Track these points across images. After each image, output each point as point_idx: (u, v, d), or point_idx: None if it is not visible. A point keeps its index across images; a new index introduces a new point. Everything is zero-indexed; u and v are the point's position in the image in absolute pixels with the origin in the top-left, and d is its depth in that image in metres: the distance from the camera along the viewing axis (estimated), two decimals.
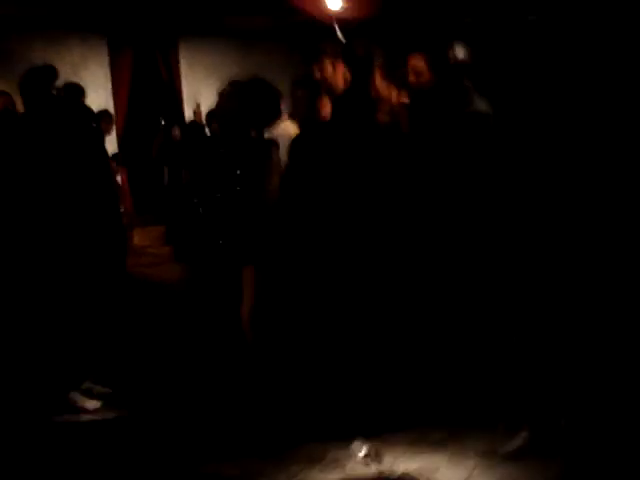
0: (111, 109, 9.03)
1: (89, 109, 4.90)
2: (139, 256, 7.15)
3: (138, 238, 7.76)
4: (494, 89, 3.82)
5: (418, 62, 3.87)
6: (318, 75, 5.09)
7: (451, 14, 5.02)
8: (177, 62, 9.43)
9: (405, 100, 4.37)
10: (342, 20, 5.73)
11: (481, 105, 3.60)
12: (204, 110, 8.09)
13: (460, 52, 3.82)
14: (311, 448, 3.14)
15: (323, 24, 6.08)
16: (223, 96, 4.52)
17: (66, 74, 8.74)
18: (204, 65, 9.56)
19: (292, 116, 5.41)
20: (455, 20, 4.74)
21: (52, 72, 4.35)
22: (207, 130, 7.33)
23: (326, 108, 5.17)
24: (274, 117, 4.79)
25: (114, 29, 8.81)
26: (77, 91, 5.00)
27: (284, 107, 5.40)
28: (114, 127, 8.76)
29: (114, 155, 7.54)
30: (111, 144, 8.20)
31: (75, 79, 8.74)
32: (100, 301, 4.36)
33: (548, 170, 3.33)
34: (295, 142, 4.47)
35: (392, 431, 3.22)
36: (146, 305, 5.50)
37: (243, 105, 4.38)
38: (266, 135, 5.70)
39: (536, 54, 3.83)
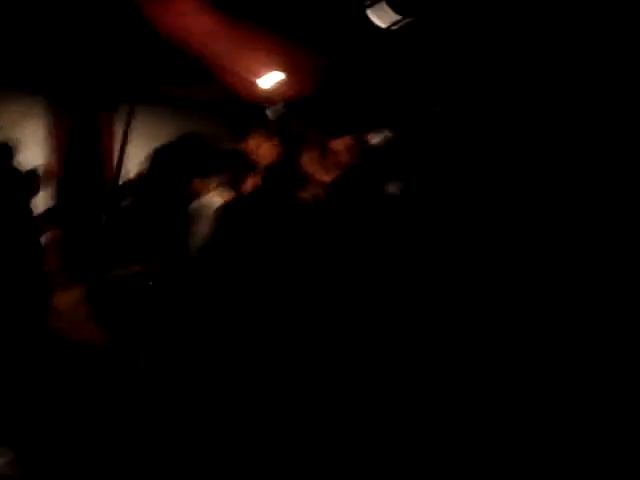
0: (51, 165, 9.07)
1: (16, 171, 4.96)
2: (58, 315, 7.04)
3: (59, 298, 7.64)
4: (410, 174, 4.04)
5: (337, 145, 4.10)
6: (244, 150, 5.27)
7: (378, 99, 5.25)
8: (114, 126, 9.52)
9: (328, 179, 4.55)
10: (275, 98, 5.96)
11: (392, 188, 3.81)
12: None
13: (374, 138, 4.01)
14: None
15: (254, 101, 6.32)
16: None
17: (4, 130, 8.79)
18: (142, 132, 9.66)
19: (221, 186, 5.56)
20: (380, 105, 4.98)
21: None
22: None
23: (248, 183, 5.32)
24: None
25: (53, 90, 8.87)
26: (5, 151, 5.06)
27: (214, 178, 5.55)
28: (48, 184, 8.78)
29: (45, 213, 7.50)
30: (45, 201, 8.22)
31: (13, 135, 8.81)
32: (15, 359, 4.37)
33: None
34: (218, 212, 4.61)
35: None
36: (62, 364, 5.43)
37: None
38: (192, 205, 5.82)
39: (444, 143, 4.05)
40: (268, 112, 5.85)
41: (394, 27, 4.82)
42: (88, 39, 6.90)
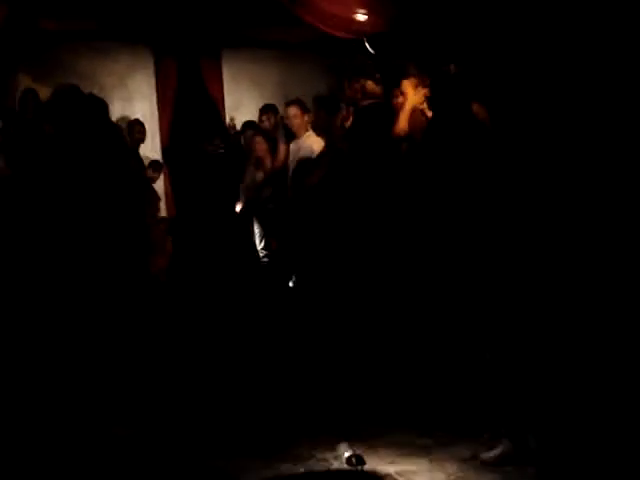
0: (156, 117, 9.32)
1: (111, 123, 5.08)
2: None
3: None
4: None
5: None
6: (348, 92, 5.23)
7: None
8: (220, 72, 9.61)
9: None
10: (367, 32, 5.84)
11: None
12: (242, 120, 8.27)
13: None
14: (299, 449, 3.25)
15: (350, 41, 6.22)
16: None
17: (112, 84, 9.09)
18: (246, 76, 9.72)
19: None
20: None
21: (76, 92, 4.58)
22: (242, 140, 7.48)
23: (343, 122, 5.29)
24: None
25: (159, 39, 9.03)
26: (100, 105, 5.21)
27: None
28: (154, 134, 9.03)
29: (153, 162, 7.74)
30: (155, 152, 8.47)
31: (122, 89, 9.09)
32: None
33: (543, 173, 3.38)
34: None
35: (378, 436, 3.31)
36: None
37: None
38: (291, 146, 5.84)
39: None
40: (368, 45, 5.74)
41: None
42: None
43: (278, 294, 5.71)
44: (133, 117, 8.80)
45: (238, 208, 6.38)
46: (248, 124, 7.32)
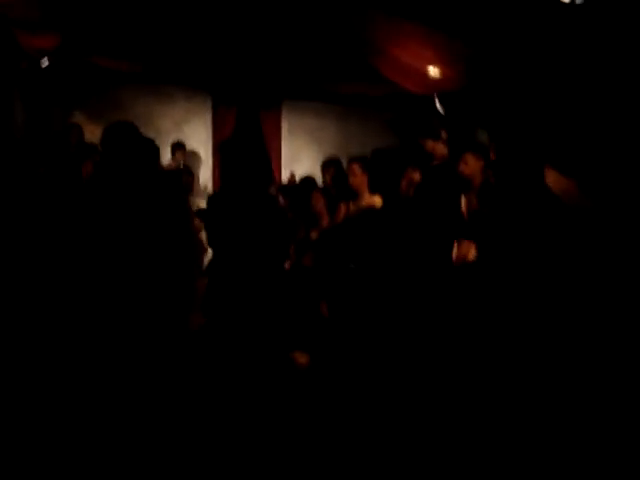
0: (210, 165, 9.09)
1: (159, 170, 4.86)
2: None
3: None
4: None
5: None
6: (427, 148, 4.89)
7: None
8: (279, 124, 9.38)
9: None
10: (439, 90, 5.48)
11: None
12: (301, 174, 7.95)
13: None
14: None
15: (419, 95, 5.86)
16: None
17: (168, 128, 8.91)
18: (305, 129, 9.48)
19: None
20: None
21: (132, 128, 4.32)
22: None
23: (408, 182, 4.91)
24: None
25: (219, 87, 8.84)
26: (152, 150, 4.93)
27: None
28: (207, 182, 8.76)
29: (200, 211, 7.42)
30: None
31: (178, 133, 8.90)
32: None
33: None
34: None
35: None
36: None
37: None
38: (351, 205, 5.45)
39: None
40: (438, 102, 5.38)
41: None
42: (251, 37, 6.70)
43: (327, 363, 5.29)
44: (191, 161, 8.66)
45: (287, 266, 5.96)
46: (307, 180, 6.94)
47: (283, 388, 4.70)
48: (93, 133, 7.31)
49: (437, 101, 5.49)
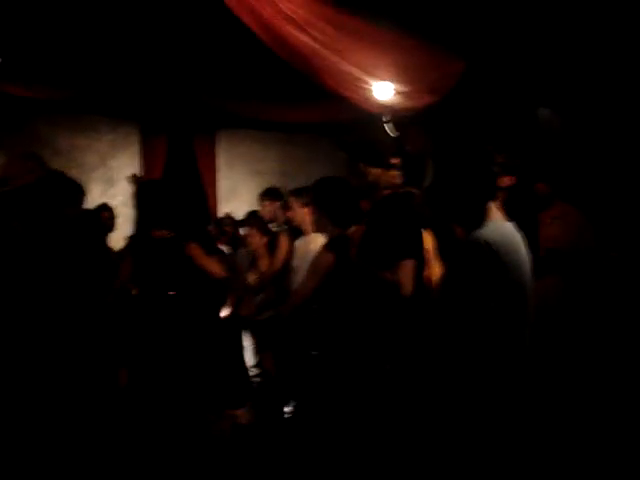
0: None
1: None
2: None
3: None
4: None
5: None
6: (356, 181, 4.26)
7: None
8: (214, 154, 8.70)
9: None
10: (393, 111, 4.88)
11: None
12: (242, 211, 7.24)
13: None
14: None
15: (369, 118, 5.25)
16: None
17: (93, 163, 8.14)
18: (244, 159, 8.83)
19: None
20: None
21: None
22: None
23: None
24: None
25: (148, 115, 8.12)
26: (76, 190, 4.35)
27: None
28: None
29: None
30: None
31: (103, 169, 8.14)
32: None
33: None
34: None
35: None
36: None
37: None
38: (296, 243, 4.91)
39: None
40: (387, 126, 4.77)
41: None
42: (180, 60, 6.05)
43: (271, 420, 4.64)
44: (114, 201, 7.86)
45: (223, 314, 5.24)
46: (252, 214, 6.15)
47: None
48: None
49: (386, 123, 4.88)
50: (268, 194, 5.73)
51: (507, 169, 3.62)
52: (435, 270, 3.71)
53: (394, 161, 4.47)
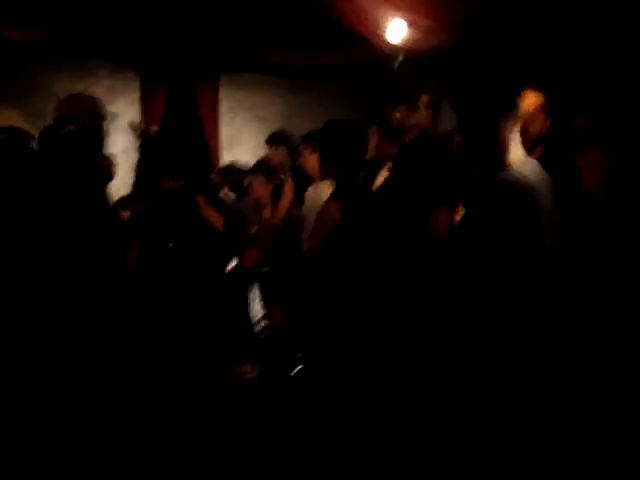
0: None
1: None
2: None
3: None
4: None
5: None
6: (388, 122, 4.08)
7: None
8: (217, 100, 8.40)
9: None
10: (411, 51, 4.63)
11: None
12: (245, 159, 6.99)
13: None
14: None
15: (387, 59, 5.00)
16: None
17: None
18: (246, 105, 8.55)
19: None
20: None
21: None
22: None
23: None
24: None
25: (148, 60, 7.84)
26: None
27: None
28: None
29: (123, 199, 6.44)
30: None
31: (108, 111, 7.84)
32: None
33: None
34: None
35: None
36: None
37: None
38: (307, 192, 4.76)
39: None
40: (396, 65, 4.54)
41: None
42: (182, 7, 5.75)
43: (278, 379, 4.50)
44: (113, 150, 7.60)
45: (230, 267, 5.05)
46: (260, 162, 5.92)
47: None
48: (5, 118, 6.31)
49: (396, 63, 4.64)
50: (273, 139, 5.51)
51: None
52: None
53: (423, 99, 4.23)
